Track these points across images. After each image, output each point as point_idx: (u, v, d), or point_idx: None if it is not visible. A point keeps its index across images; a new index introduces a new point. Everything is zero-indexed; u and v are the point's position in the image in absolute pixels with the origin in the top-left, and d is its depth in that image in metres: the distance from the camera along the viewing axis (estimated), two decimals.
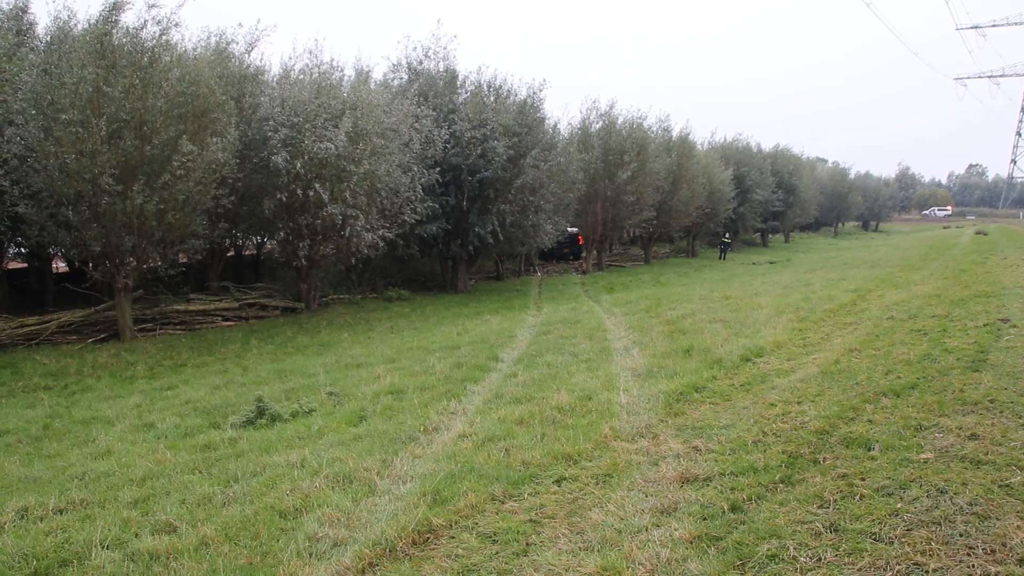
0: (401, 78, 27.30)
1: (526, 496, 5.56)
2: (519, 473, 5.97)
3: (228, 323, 20.28)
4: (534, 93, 28.52)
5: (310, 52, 21.62)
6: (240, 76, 21.16)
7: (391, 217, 22.06)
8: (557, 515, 5.18)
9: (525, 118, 27.51)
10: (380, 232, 21.09)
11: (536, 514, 5.23)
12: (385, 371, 11.84)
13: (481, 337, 15.26)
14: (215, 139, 17.40)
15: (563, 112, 45.79)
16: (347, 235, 20.22)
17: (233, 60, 21.38)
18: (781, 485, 5.23)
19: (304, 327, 19.39)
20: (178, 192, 16.65)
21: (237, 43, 21.58)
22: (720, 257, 45.03)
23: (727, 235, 47.33)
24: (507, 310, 21.58)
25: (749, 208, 50.58)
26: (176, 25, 16.98)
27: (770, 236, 61.87)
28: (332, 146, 18.98)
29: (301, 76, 21.58)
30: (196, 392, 12.05)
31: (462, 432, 7.43)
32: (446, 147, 24.75)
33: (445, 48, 27.79)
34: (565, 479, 5.83)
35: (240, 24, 20.74)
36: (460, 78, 28.16)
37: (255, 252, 27.47)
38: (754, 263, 38.52)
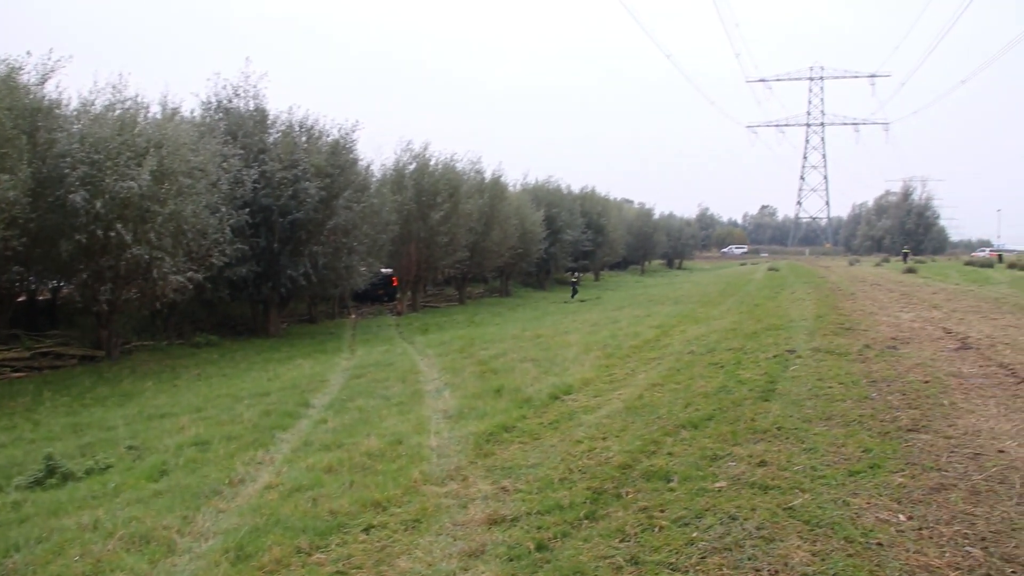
0: (210, 116, 26.45)
1: (333, 547, 5.44)
2: (326, 523, 5.84)
3: (18, 374, 18.90)
4: (347, 134, 28.41)
5: (114, 87, 20.57)
6: (33, 109, 19.93)
7: (199, 259, 21.28)
8: (365, 565, 5.09)
9: (338, 159, 27.32)
10: (188, 274, 20.31)
11: (343, 565, 5.12)
12: (190, 421, 11.39)
13: (292, 382, 14.92)
14: (5, 176, 16.27)
15: (376, 153, 46.36)
16: (152, 278, 19.36)
17: (24, 92, 20.11)
18: (586, 521, 5.36)
19: (104, 376, 18.35)
20: None
21: (27, 73, 20.29)
22: (572, 296, 45.45)
23: (575, 275, 48.29)
24: (320, 354, 21.19)
25: (560, 248, 51.99)
26: None
27: (581, 275, 63.62)
28: (135, 185, 18.18)
29: (104, 112, 20.53)
30: None
31: (269, 483, 7.24)
32: (256, 187, 24.10)
33: (255, 86, 27.04)
34: (374, 527, 5.75)
35: (29, 53, 19.38)
36: (271, 117, 27.52)
37: (50, 297, 25.83)
38: (565, 302, 39.43)
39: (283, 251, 25.52)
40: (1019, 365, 10.22)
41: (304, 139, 27.47)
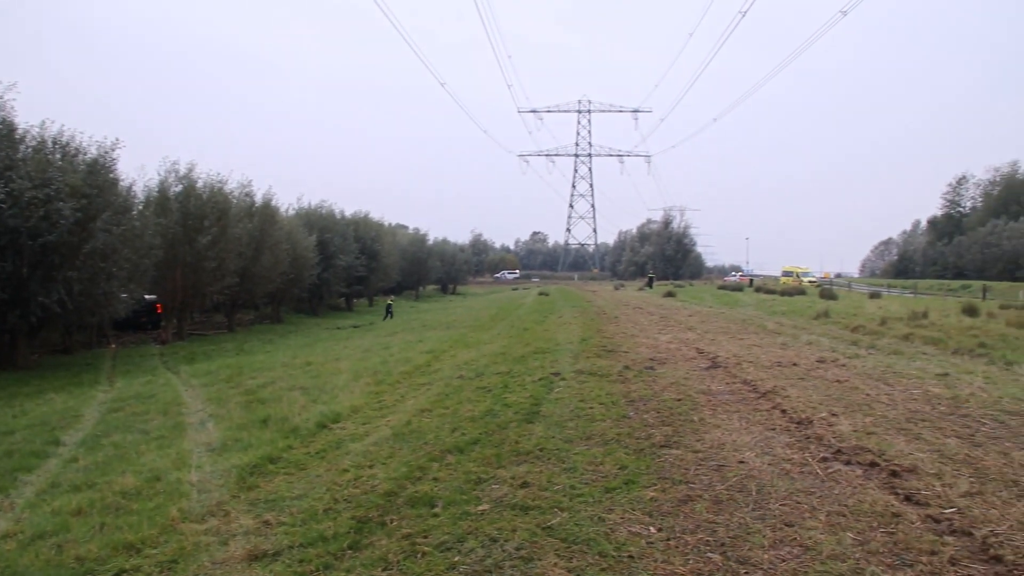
0: None
1: None
2: (72, 571, 5.46)
3: None
4: (106, 152, 26.96)
5: None
6: None
7: None
8: None
9: (96, 178, 25.88)
10: None
11: None
12: None
13: (41, 419, 13.91)
14: None
15: (139, 174, 44.17)
16: None
17: None
18: (349, 552, 5.29)
19: None
20: None
21: None
22: (385, 317, 45.42)
23: (391, 297, 47.96)
24: (75, 387, 19.88)
25: (333, 273, 51.54)
26: None
27: (355, 300, 63.12)
28: None
29: None
30: None
31: (6, 531, 6.69)
32: (2, 207, 22.34)
33: (1, 97, 25.15)
34: (126, 571, 5.42)
35: None
36: (19, 132, 25.48)
37: None
38: (339, 327, 39.06)
39: (33, 276, 23.73)
40: (760, 381, 11.03)
41: (58, 156, 25.75)
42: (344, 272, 53.43)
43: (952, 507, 5.55)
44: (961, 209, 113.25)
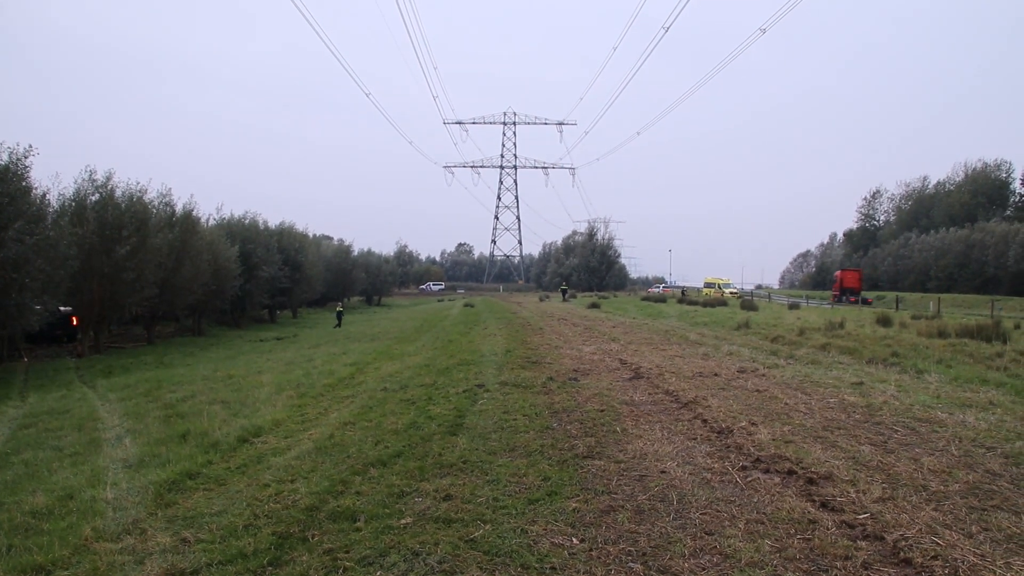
0: None
1: None
2: None
3: None
4: (18, 160, 26.13)
5: None
6: None
7: None
8: None
9: (7, 187, 25.06)
10: None
11: None
12: None
13: None
14: None
15: (54, 182, 42.68)
16: None
17: None
18: (270, 568, 5.20)
19: None
20: None
21: None
22: (336, 326, 46.06)
23: (341, 304, 47.61)
24: None
25: (256, 285, 50.76)
26: None
27: (278, 312, 62.27)
28: None
29: None
30: None
31: None
32: None
33: None
34: None
35: None
36: None
37: None
38: (262, 340, 38.43)
39: None
40: (682, 392, 11.19)
41: None
42: (267, 283, 52.67)
43: (865, 513, 5.70)
44: (875, 222, 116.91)
